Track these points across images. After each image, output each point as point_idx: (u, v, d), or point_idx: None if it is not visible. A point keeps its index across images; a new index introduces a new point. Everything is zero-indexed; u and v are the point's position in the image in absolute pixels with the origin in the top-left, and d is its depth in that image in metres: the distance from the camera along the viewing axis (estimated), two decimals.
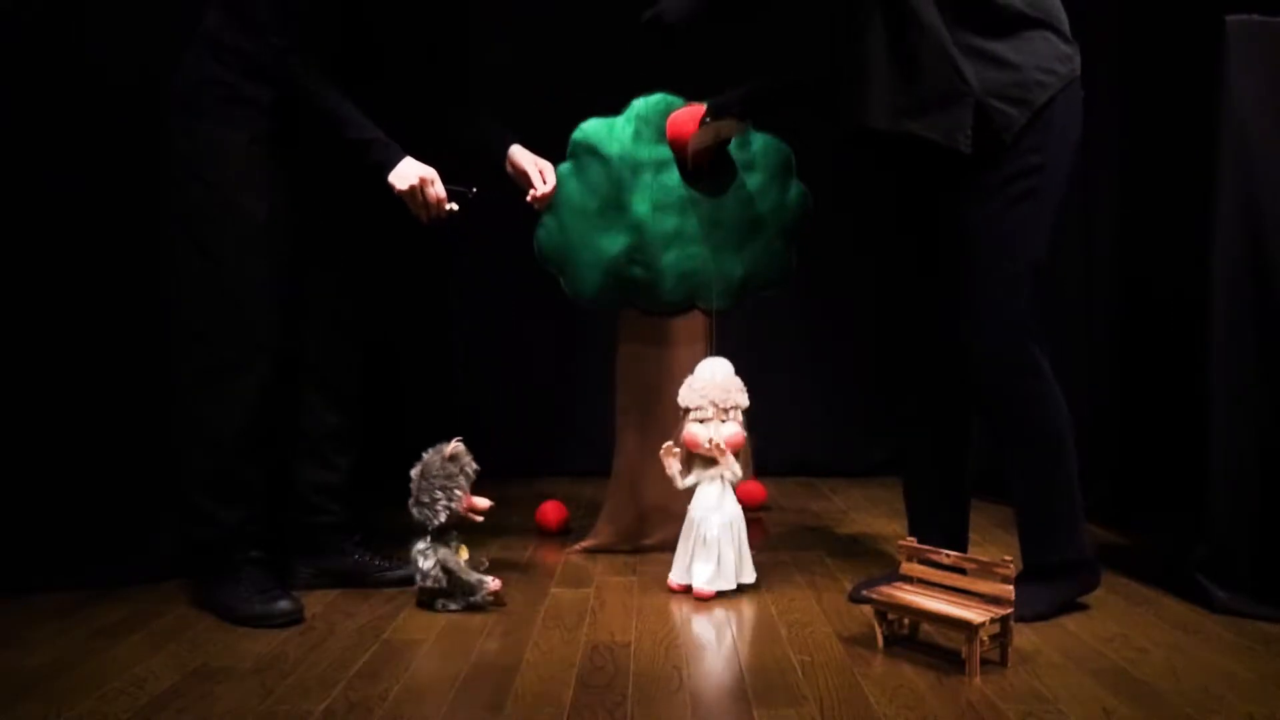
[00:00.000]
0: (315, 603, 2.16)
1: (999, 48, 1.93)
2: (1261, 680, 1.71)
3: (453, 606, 2.12)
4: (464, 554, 2.16)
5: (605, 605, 2.17)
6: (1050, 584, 2.05)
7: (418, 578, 2.13)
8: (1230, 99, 2.05)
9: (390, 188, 2.15)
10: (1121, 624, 1.99)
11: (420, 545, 2.14)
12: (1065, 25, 2.01)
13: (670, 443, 2.28)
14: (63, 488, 2.29)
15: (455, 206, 2.21)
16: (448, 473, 2.13)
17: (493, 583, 2.14)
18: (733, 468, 2.24)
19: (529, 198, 2.51)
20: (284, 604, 2.07)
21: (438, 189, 2.18)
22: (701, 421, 2.24)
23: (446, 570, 2.10)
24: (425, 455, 2.17)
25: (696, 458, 2.27)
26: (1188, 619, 2.04)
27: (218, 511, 2.12)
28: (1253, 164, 2.04)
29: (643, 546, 2.60)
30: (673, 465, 2.27)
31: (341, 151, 2.16)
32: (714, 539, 2.21)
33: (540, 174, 2.50)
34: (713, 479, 2.25)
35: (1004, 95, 1.92)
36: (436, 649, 1.89)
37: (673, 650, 1.88)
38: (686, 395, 2.28)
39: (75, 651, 1.87)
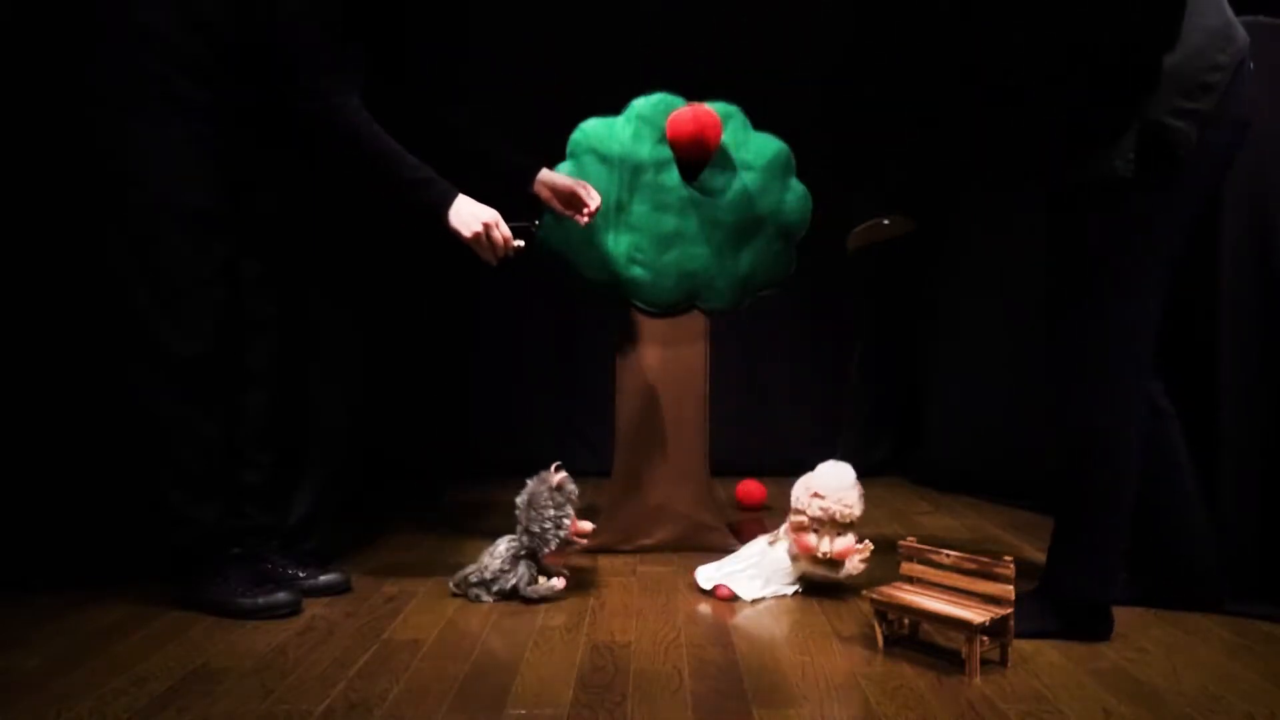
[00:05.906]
0: (315, 602, 2.16)
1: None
2: (1261, 680, 1.71)
3: (485, 597, 2.18)
4: (550, 582, 2.21)
5: (605, 605, 2.17)
6: (1053, 615, 1.94)
7: (486, 559, 2.19)
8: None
9: (448, 229, 2.11)
10: (1122, 624, 1.98)
11: (509, 543, 2.19)
12: None
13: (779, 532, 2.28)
14: (62, 488, 2.28)
15: (521, 244, 2.20)
16: (556, 502, 2.18)
17: (559, 581, 2.22)
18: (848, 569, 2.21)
19: (584, 214, 2.42)
20: (282, 595, 2.09)
21: (503, 229, 2.15)
22: (815, 532, 2.20)
23: (514, 583, 2.18)
24: (529, 484, 2.21)
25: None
26: (1188, 619, 2.04)
27: (193, 510, 2.10)
28: (1259, 165, 2.04)
29: (643, 546, 2.60)
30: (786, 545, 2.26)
31: (393, 192, 2.11)
32: (754, 556, 2.25)
33: (585, 190, 2.42)
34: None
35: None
36: (436, 649, 1.89)
37: (673, 650, 1.88)
38: (803, 499, 2.22)
39: (75, 651, 1.87)
